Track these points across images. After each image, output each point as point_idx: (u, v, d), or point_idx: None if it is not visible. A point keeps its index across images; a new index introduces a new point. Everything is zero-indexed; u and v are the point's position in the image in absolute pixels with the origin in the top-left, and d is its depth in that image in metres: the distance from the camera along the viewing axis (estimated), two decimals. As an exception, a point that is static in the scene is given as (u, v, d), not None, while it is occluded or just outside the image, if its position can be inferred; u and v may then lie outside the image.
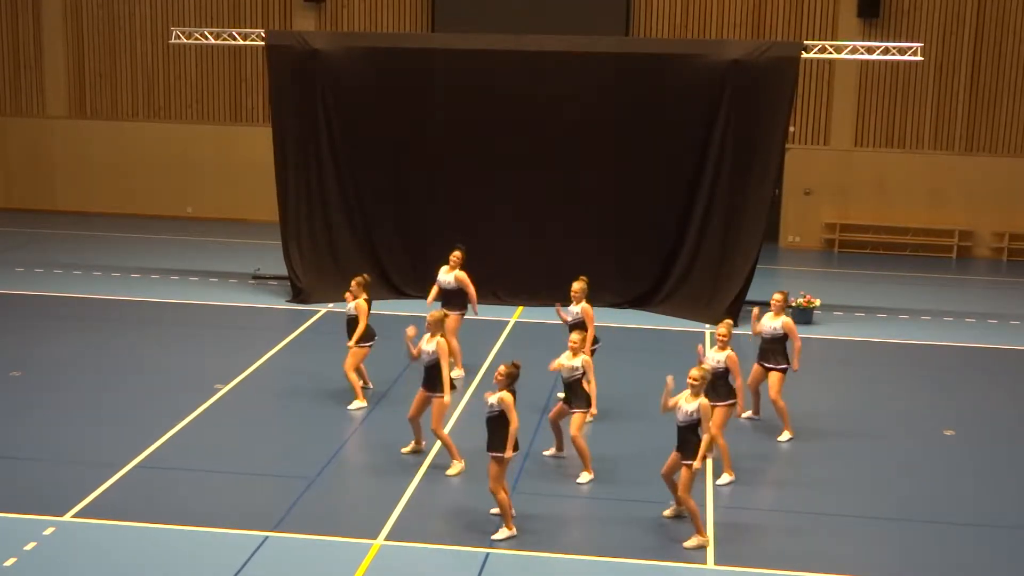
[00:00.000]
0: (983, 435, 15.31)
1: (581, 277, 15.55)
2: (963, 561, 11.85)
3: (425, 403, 13.53)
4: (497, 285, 20.70)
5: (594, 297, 20.31)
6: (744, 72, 19.91)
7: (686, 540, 11.80)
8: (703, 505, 12.66)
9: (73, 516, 12.09)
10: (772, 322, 14.76)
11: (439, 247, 18.19)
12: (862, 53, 21.14)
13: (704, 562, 11.53)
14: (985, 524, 12.62)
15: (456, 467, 13.39)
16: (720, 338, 13.49)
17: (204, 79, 27.95)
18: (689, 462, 11.69)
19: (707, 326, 19.88)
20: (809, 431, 15.21)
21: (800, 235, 26.78)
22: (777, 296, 14.89)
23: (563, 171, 20.78)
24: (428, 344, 13.45)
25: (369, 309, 15.37)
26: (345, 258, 21.25)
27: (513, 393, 11.85)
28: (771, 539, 12.11)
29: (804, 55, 20.30)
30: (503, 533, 11.85)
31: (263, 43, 21.31)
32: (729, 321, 13.98)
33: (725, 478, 13.30)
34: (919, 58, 20.73)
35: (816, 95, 26.28)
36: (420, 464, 13.61)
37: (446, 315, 16.43)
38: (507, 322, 19.83)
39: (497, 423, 11.81)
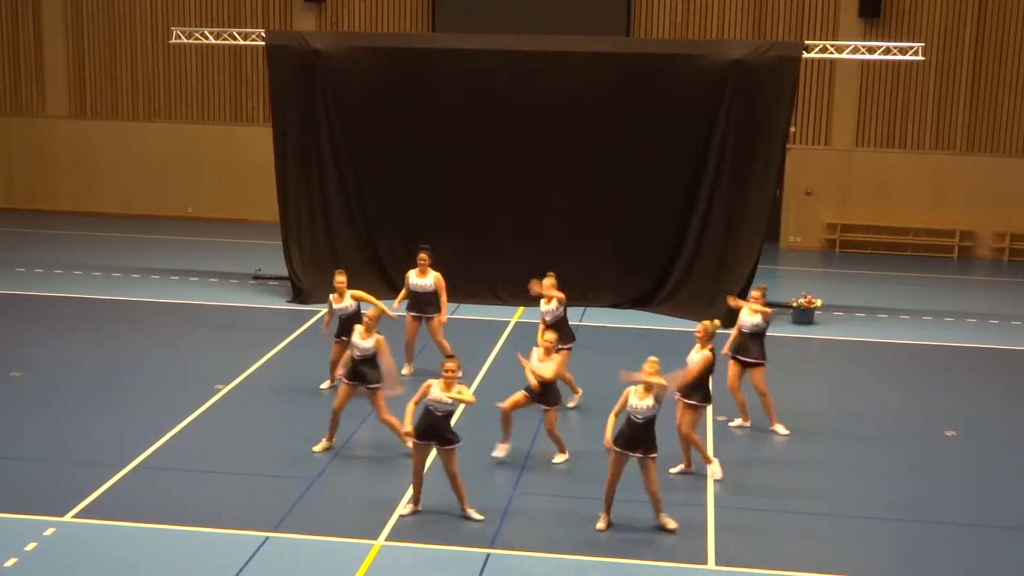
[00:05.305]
0: (984, 436, 15.30)
1: (549, 273, 15.63)
2: (963, 561, 11.84)
3: (352, 397, 13.87)
4: (497, 285, 20.72)
5: (594, 297, 20.47)
6: (745, 72, 19.90)
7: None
8: (704, 505, 12.67)
9: (73, 516, 12.09)
10: (752, 317, 14.81)
11: (439, 246, 18.17)
12: (863, 53, 21.14)
13: (704, 562, 11.52)
14: (985, 524, 12.61)
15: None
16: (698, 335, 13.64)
17: (204, 79, 27.94)
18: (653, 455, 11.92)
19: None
20: (809, 431, 15.21)
21: (801, 235, 26.77)
22: (755, 292, 14.97)
23: (564, 171, 20.77)
24: (366, 340, 13.74)
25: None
26: (346, 258, 21.21)
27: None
28: (771, 539, 12.11)
29: (805, 55, 20.29)
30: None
31: (263, 43, 21.32)
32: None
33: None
34: (920, 58, 20.74)
35: (817, 95, 26.27)
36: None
37: (427, 318, 16.47)
38: (507, 322, 19.82)
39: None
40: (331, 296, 15.79)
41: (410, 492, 12.41)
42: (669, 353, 18.26)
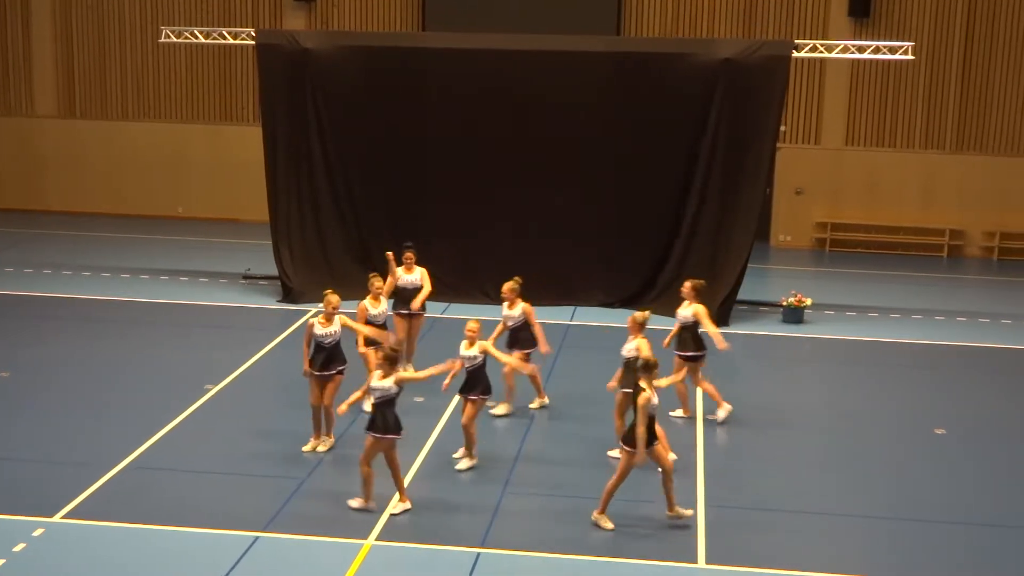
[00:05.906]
0: (974, 434, 15.31)
1: (515, 278, 15.67)
2: (957, 560, 11.84)
3: (326, 383, 13.89)
4: (489, 284, 20.66)
5: (586, 296, 20.46)
6: (735, 71, 19.90)
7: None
8: (694, 503, 12.66)
9: (62, 517, 12.05)
10: (683, 310, 15.07)
11: (430, 246, 18.16)
12: (853, 52, 21.16)
13: (695, 561, 11.51)
14: (978, 523, 12.61)
15: (327, 443, 14.04)
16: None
17: (194, 78, 27.87)
18: None
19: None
20: (800, 430, 15.23)
21: (791, 234, 26.78)
22: (687, 285, 15.22)
23: (555, 170, 20.73)
24: (331, 327, 13.88)
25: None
26: (335, 258, 21.23)
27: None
28: (763, 538, 12.10)
29: (795, 54, 20.31)
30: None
31: (253, 42, 21.28)
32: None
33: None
34: (910, 57, 20.78)
35: (807, 94, 26.29)
36: (411, 464, 13.58)
37: (414, 315, 16.37)
38: (498, 321, 19.75)
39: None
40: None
41: (397, 493, 12.39)
42: (660, 352, 18.31)
